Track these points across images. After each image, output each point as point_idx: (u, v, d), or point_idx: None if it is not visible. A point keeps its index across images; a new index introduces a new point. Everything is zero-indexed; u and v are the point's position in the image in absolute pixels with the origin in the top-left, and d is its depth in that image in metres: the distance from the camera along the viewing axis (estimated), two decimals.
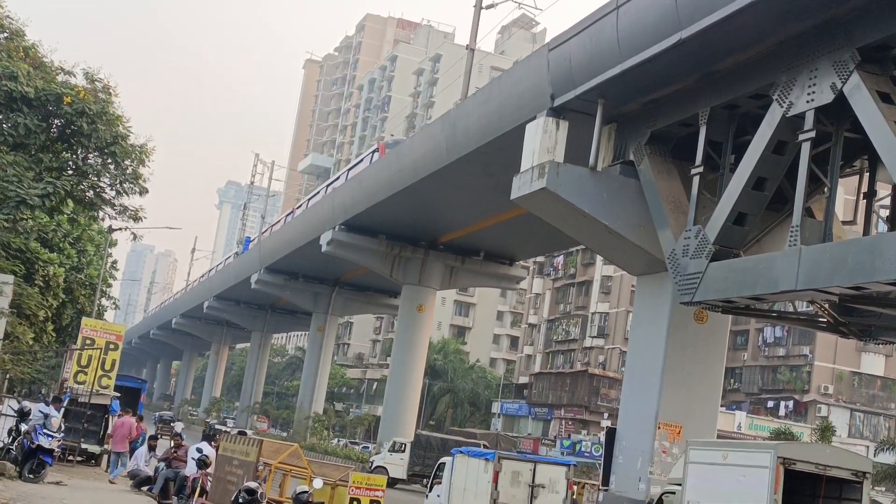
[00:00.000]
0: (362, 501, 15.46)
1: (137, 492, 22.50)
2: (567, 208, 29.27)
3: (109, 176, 27.90)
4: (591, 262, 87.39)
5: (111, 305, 50.91)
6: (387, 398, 59.38)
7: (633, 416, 31.78)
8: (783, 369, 71.76)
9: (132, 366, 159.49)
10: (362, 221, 53.59)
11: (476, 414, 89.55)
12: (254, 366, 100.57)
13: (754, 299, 22.81)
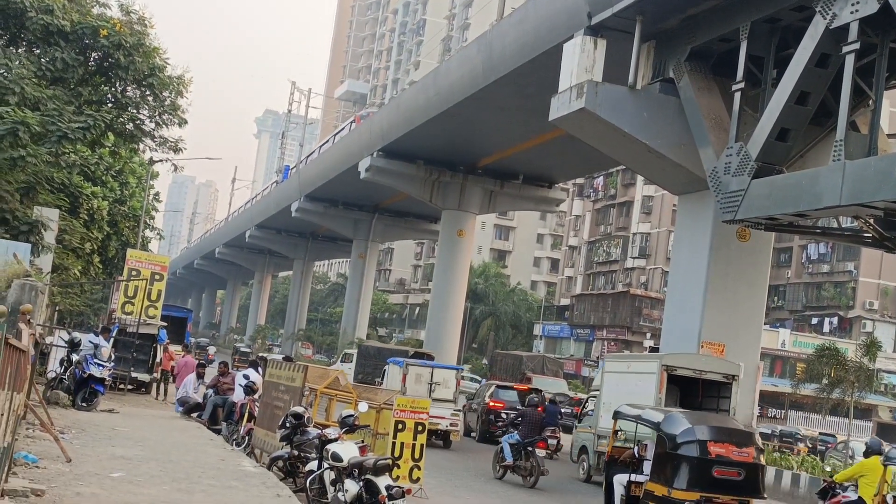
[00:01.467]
0: (407, 424, 15.68)
1: (187, 418, 22.96)
2: (606, 128, 29.01)
3: (148, 108, 27.96)
4: (631, 183, 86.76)
5: (155, 236, 51.41)
6: (429, 322, 59.81)
7: (676, 336, 31.79)
8: (827, 286, 71.26)
9: (178, 296, 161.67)
10: (400, 147, 53.45)
11: (518, 336, 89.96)
12: (297, 293, 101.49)
13: (798, 216, 22.59)
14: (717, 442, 13.54)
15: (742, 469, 13.54)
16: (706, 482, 13.27)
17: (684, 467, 13.37)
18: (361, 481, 11.95)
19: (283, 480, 14.34)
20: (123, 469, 13.02)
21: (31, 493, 10.16)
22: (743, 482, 13.53)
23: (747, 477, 13.57)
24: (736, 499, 13.43)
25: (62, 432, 15.15)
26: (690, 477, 13.28)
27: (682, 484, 13.24)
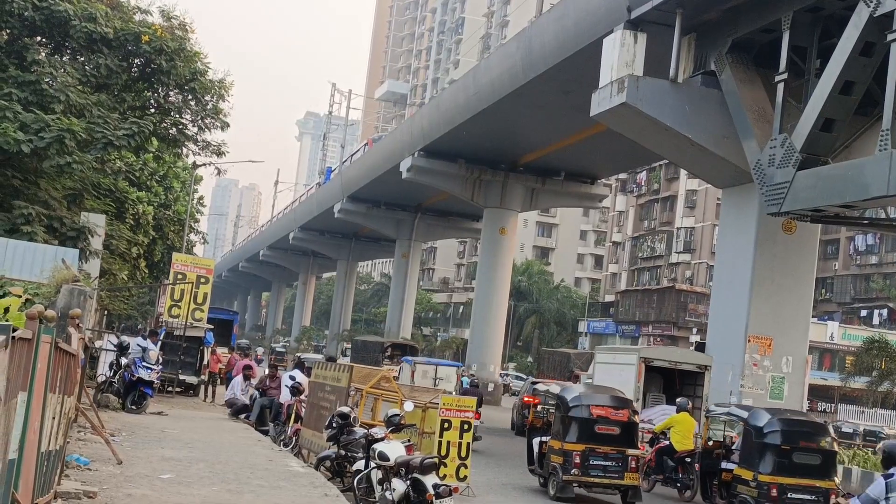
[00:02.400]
0: (453, 423, 15.68)
1: (235, 419, 23.15)
2: (648, 123, 28.84)
3: (191, 112, 28.27)
4: (674, 177, 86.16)
5: (200, 240, 51.91)
6: (473, 321, 59.79)
7: (723, 331, 31.55)
8: (876, 277, 70.29)
9: (223, 298, 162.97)
10: (441, 146, 53.48)
11: (563, 334, 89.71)
12: (341, 294, 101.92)
13: (844, 207, 22.32)
14: (599, 406, 17.77)
15: (619, 426, 17.61)
16: (590, 437, 17.40)
17: (574, 426, 17.47)
18: (408, 480, 11.98)
19: (330, 480, 14.42)
20: (173, 470, 13.14)
21: (84, 495, 10.29)
22: (620, 436, 17.53)
23: (623, 433, 17.59)
24: (614, 449, 17.35)
25: (112, 435, 15.33)
26: (579, 433, 17.41)
27: (572, 438, 17.39)
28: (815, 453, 16.02)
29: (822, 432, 16.58)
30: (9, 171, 24.11)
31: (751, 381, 30.01)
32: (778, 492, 15.42)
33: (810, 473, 15.77)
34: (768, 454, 15.81)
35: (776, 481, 15.47)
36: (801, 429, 16.45)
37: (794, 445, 15.89)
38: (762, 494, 15.52)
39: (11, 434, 6.79)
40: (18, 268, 19.80)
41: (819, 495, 15.70)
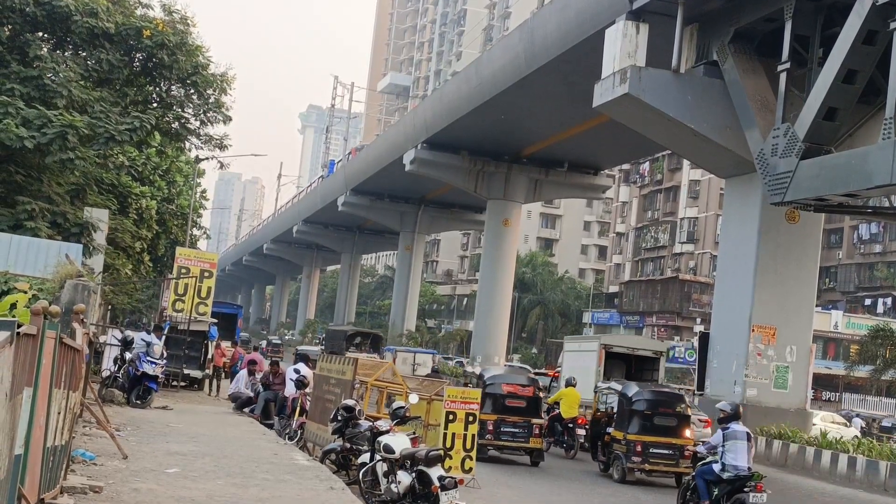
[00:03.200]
0: (458, 414, 15.68)
1: (240, 413, 23.18)
2: (651, 113, 28.82)
3: (193, 106, 28.24)
4: (677, 167, 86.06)
5: (203, 235, 51.93)
6: (477, 313, 59.86)
7: (727, 320, 31.58)
8: (880, 266, 70.20)
9: (227, 292, 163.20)
10: (444, 138, 53.48)
11: (567, 325, 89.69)
12: (345, 287, 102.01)
13: (848, 196, 22.31)
14: (509, 384, 21.49)
15: (525, 401, 21.22)
16: (501, 409, 20.93)
17: (488, 400, 20.44)
18: (414, 472, 11.99)
19: (335, 473, 14.44)
20: (179, 465, 13.17)
21: (90, 490, 10.31)
22: (526, 409, 21.08)
23: (529, 406, 21.19)
24: (521, 418, 20.88)
25: (118, 429, 15.36)
26: (493, 406, 20.80)
27: (487, 410, 20.14)
28: (672, 417, 19.69)
29: (678, 401, 20.34)
30: (11, 167, 24.14)
31: (755, 371, 30.08)
32: (642, 447, 19.05)
33: (668, 433, 19.36)
34: (635, 418, 19.44)
35: (640, 439, 19.14)
36: (661, 398, 20.15)
37: (655, 411, 19.59)
38: (630, 450, 19.07)
39: (17, 430, 6.80)
40: (23, 264, 19.83)
41: (675, 450, 19.18)
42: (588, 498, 16.93)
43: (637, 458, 19.11)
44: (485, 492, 15.73)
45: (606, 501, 16.68)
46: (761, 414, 29.82)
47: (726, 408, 14.48)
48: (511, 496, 16.09)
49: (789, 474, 25.14)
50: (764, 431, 28.81)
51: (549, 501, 15.92)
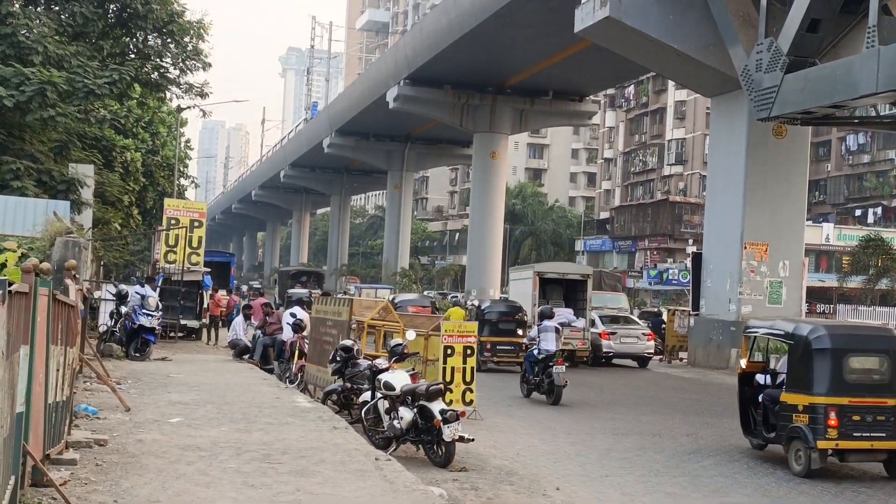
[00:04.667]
0: (456, 349, 15.77)
1: (239, 360, 23.28)
2: (633, 35, 28.58)
3: (171, 55, 27.95)
4: (663, 89, 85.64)
5: (190, 184, 51.70)
6: (470, 247, 59.91)
7: (719, 239, 31.65)
8: (869, 176, 70.27)
9: (219, 241, 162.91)
10: (426, 73, 53.02)
11: (560, 254, 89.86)
12: (336, 229, 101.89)
13: (834, 107, 22.21)
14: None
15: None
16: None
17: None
18: (415, 408, 12.08)
19: (338, 413, 14.55)
20: (181, 414, 13.25)
21: (95, 443, 10.39)
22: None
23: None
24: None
25: (119, 383, 15.44)
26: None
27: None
28: (512, 322, 26.56)
29: (517, 311, 26.94)
30: None
31: (749, 288, 30.23)
32: (490, 346, 26.02)
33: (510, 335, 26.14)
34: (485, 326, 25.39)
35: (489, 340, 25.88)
36: (504, 310, 27.60)
37: (500, 319, 26.76)
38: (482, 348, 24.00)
39: (17, 388, 6.82)
40: (11, 223, 19.74)
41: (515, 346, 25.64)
42: (589, 421, 17.10)
43: (487, 354, 25.60)
44: (487, 422, 15.87)
45: (606, 426, 16.86)
46: None
47: (545, 311, 21.11)
48: (513, 425, 16.24)
49: None
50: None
51: (551, 428, 16.08)
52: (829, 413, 12.16)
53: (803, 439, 12.34)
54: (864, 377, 12.66)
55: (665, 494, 11.13)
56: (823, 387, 12.37)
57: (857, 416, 12.23)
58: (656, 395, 22.82)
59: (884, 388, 12.50)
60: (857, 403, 12.26)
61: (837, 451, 12.39)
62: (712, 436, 16.04)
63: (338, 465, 10.15)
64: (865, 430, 12.25)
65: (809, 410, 12.35)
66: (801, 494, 11.26)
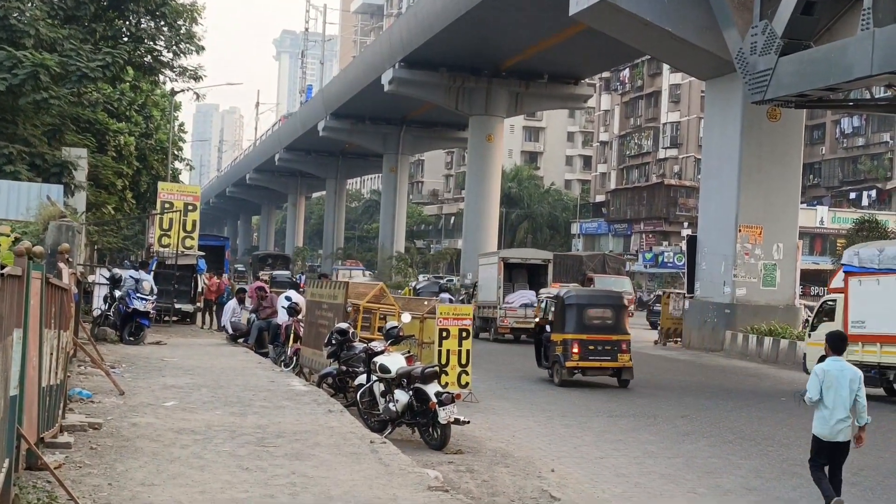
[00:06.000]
0: (451, 331, 15.80)
1: (234, 344, 23.26)
2: (628, 18, 28.51)
3: (164, 38, 27.80)
4: (657, 72, 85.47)
5: (185, 167, 51.56)
6: (465, 230, 59.90)
7: (713, 222, 31.66)
8: (863, 159, 70.27)
9: (213, 225, 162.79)
10: (422, 56, 52.91)
11: (556, 237, 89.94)
12: (332, 213, 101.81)
13: (828, 90, 22.20)
14: None
15: None
16: None
17: None
18: (411, 390, 12.09)
19: (333, 396, 14.56)
20: (176, 398, 13.25)
21: (89, 427, 10.38)
22: None
23: None
24: None
25: (113, 367, 15.42)
26: None
27: None
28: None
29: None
30: None
31: (743, 270, 30.28)
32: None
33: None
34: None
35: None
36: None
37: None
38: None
39: (11, 371, 6.80)
40: (4, 208, 19.70)
41: None
42: (584, 403, 17.13)
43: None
44: (483, 405, 15.91)
45: (602, 408, 16.89)
46: (751, 312, 30.12)
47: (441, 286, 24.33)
48: (509, 407, 16.27)
49: (781, 370, 25.48)
50: (755, 330, 29.11)
51: (547, 410, 16.11)
52: (574, 344, 19.35)
53: (559, 362, 19.57)
54: (597, 322, 19.98)
55: (659, 476, 11.16)
56: (571, 328, 19.55)
57: (592, 347, 19.51)
58: (651, 377, 22.86)
59: (610, 329, 19.85)
60: (592, 339, 19.56)
61: (580, 369, 19.73)
62: (707, 418, 16.09)
63: (333, 448, 10.15)
64: (597, 356, 19.56)
65: (563, 343, 19.50)
66: (793, 476, 11.29)
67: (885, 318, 19.01)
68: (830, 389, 9.22)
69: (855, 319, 19.55)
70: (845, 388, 9.23)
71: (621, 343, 19.63)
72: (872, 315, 19.36)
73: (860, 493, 10.89)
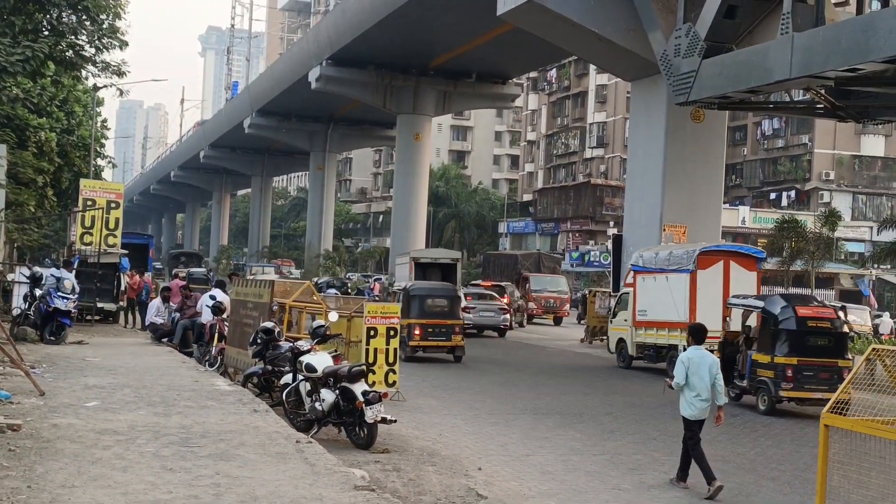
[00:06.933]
0: (379, 330, 15.77)
1: (158, 343, 22.93)
2: (555, 18, 28.73)
3: (86, 33, 27.23)
4: (584, 73, 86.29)
5: (107, 164, 50.70)
6: (393, 229, 59.85)
7: (638, 222, 32.06)
8: (783, 160, 71.76)
9: (137, 223, 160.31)
10: (349, 54, 52.72)
11: (483, 236, 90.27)
12: (258, 211, 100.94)
13: (750, 92, 22.60)
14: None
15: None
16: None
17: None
18: (337, 389, 12.04)
19: (258, 396, 14.42)
20: (98, 398, 13.02)
21: (8, 429, 10.15)
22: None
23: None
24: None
25: (32, 367, 15.09)
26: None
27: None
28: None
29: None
30: None
31: None
32: None
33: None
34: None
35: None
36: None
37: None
38: None
39: None
40: None
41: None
42: (511, 402, 17.24)
43: None
44: (410, 403, 15.92)
45: (528, 406, 17.01)
46: None
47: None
48: (436, 406, 16.30)
49: None
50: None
51: (474, 409, 16.18)
52: (416, 328, 24.02)
53: (404, 342, 22.09)
54: (436, 310, 24.72)
55: (585, 473, 11.28)
56: (414, 315, 24.10)
57: (431, 329, 24.21)
58: (578, 375, 23.09)
59: (446, 315, 24.65)
60: (432, 323, 24.35)
61: (423, 348, 24.25)
62: (632, 415, 16.30)
63: (258, 448, 10.07)
64: (435, 336, 24.27)
65: (407, 328, 23.19)
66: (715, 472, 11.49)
67: (660, 307, 24.00)
68: (695, 375, 10.63)
69: (640, 309, 24.97)
70: (706, 373, 10.63)
71: (454, 326, 24.54)
72: (651, 305, 24.56)
73: (778, 487, 11.14)
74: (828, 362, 17.23)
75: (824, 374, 17.05)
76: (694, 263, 23.06)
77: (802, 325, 17.33)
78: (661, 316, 23.87)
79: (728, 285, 22.81)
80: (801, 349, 17.11)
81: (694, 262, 23.08)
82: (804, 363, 16.89)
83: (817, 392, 16.68)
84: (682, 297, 22.99)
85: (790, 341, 17.17)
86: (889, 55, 17.23)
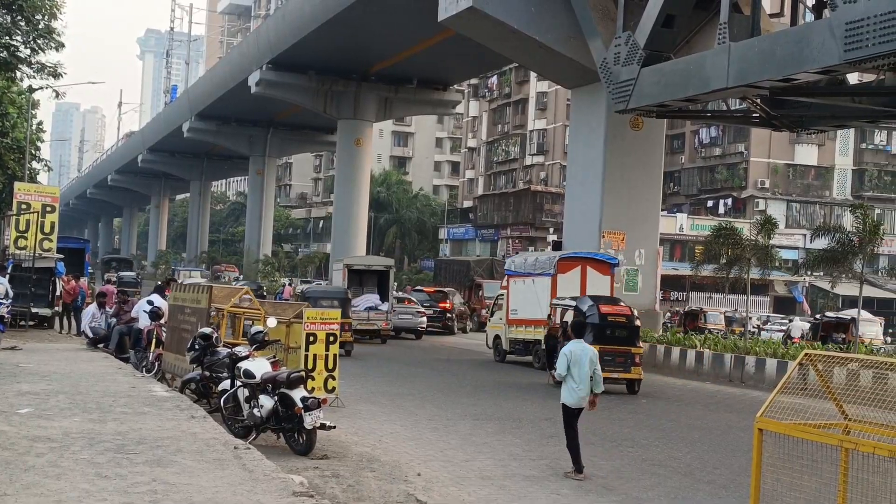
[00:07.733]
0: (318, 336, 15.69)
1: (94, 349, 22.59)
2: (496, 25, 28.88)
3: (21, 33, 26.88)
4: (525, 80, 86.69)
5: (42, 168, 49.90)
6: (334, 235, 59.64)
7: (578, 228, 32.31)
8: (720, 168, 72.73)
9: (74, 227, 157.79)
10: (290, 58, 52.46)
11: (424, 242, 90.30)
12: (196, 215, 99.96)
13: (688, 101, 22.93)
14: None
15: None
16: None
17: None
18: (276, 396, 11.96)
19: (196, 402, 14.28)
20: (31, 404, 12.79)
21: None
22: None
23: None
24: None
25: None
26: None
27: None
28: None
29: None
30: None
31: None
32: None
33: None
34: None
35: None
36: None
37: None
38: None
39: None
40: None
41: None
42: (451, 407, 17.26)
43: None
44: (349, 409, 15.87)
45: (468, 411, 17.05)
46: None
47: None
48: (375, 411, 16.27)
49: (649, 373, 26.12)
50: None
51: (414, 414, 16.18)
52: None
53: None
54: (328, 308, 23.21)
55: (524, 478, 11.33)
56: None
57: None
58: (517, 380, 23.18)
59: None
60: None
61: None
62: None
63: (195, 454, 9.96)
64: None
65: None
66: (652, 476, 11.62)
67: (528, 307, 27.11)
68: (576, 366, 11.50)
69: (512, 308, 28.18)
70: (586, 365, 11.52)
71: (344, 325, 23.62)
72: (521, 305, 27.68)
73: (714, 490, 11.29)
74: (622, 349, 21.35)
75: (620, 358, 21.17)
76: (555, 268, 26.63)
77: (604, 320, 21.46)
78: (528, 314, 27.17)
79: (585, 288, 26.12)
80: (602, 338, 20.52)
81: (555, 267, 26.65)
82: (605, 350, 19.14)
83: (615, 372, 20.65)
84: (545, 297, 26.06)
85: (594, 332, 20.47)
86: (822, 66, 17.59)
